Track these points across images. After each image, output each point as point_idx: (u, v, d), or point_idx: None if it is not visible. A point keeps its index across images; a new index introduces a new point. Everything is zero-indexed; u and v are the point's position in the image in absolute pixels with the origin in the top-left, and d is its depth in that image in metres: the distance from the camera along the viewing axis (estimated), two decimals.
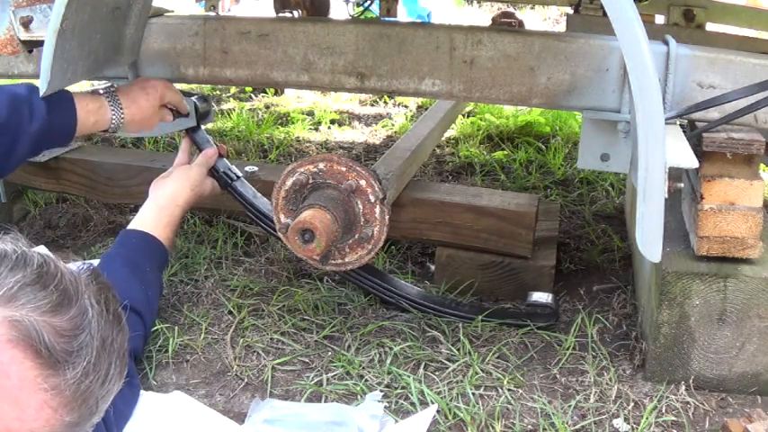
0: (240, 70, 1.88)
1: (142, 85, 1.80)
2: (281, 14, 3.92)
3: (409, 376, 1.62)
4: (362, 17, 4.03)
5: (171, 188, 1.83)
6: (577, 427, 1.50)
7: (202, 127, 2.02)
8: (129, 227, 1.77)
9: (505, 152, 3.25)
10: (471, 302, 1.97)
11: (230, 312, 1.89)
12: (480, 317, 1.84)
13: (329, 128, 3.70)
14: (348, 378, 1.64)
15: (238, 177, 2.01)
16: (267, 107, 4.07)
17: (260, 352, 1.73)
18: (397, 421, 1.49)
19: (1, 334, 0.94)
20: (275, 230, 1.81)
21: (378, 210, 1.71)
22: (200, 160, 1.92)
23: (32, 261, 1.00)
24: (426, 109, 3.29)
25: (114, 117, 1.71)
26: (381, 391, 1.59)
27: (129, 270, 1.65)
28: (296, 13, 4.02)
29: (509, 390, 1.61)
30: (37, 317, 0.96)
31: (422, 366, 1.68)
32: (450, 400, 1.56)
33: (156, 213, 1.79)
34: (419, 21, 6.27)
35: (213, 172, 1.98)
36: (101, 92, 1.72)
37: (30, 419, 0.96)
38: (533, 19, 7.60)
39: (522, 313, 1.87)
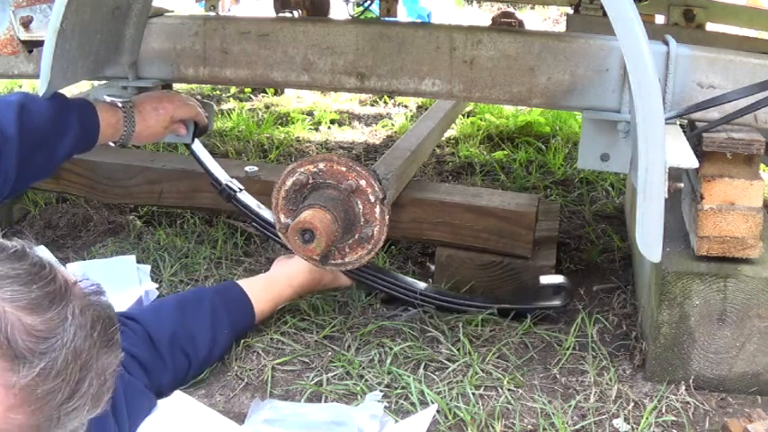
0: (240, 70, 1.88)
1: (155, 104, 1.84)
2: (281, 14, 3.91)
3: (409, 376, 1.62)
4: (362, 17, 4.02)
5: (290, 267, 1.84)
6: (577, 427, 1.50)
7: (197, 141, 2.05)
8: (239, 282, 1.78)
9: (505, 152, 3.25)
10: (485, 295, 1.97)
11: None
12: (495, 308, 1.84)
13: (329, 128, 3.69)
14: (348, 378, 1.64)
15: (240, 190, 2.04)
16: (267, 107, 4.07)
17: (260, 352, 1.73)
18: (397, 421, 1.49)
19: None
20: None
21: (378, 210, 1.71)
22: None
23: (27, 258, 1.00)
24: (426, 109, 3.29)
25: (125, 132, 1.78)
26: (381, 391, 1.59)
27: (209, 320, 1.65)
28: (296, 13, 4.02)
29: (509, 390, 1.61)
30: (11, 309, 0.96)
31: (422, 366, 1.68)
32: (450, 400, 1.56)
33: (267, 285, 1.81)
34: (419, 21, 6.27)
35: (216, 186, 2.01)
36: (119, 105, 1.78)
37: None
38: (533, 19, 7.59)
39: (537, 296, 1.86)
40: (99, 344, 1.03)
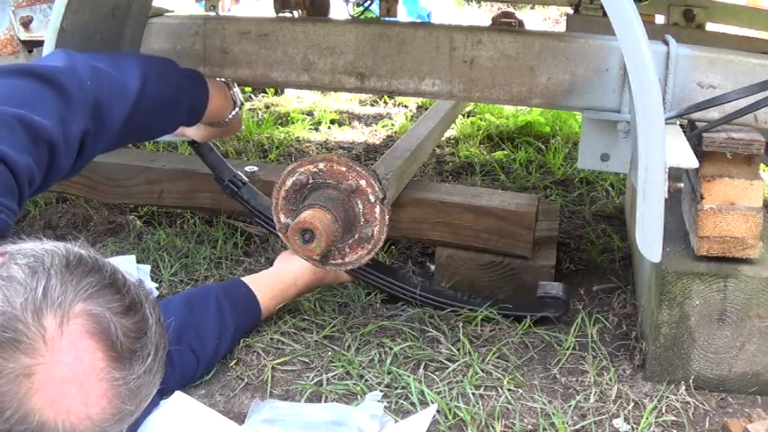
0: (240, 70, 1.88)
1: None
2: (281, 14, 3.91)
3: (409, 376, 1.62)
4: (362, 17, 4.02)
5: (295, 266, 1.84)
6: (577, 427, 1.50)
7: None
8: (244, 279, 1.79)
9: (505, 152, 3.25)
10: (484, 295, 1.96)
11: None
12: (483, 308, 1.84)
13: (329, 128, 3.70)
14: (348, 378, 1.64)
15: (244, 183, 2.03)
16: (267, 107, 4.07)
17: (260, 352, 1.73)
18: (397, 421, 1.49)
19: (80, 324, 1.04)
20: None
21: (378, 210, 1.71)
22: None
23: (106, 267, 1.12)
24: (426, 109, 3.29)
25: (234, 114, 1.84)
26: (381, 391, 1.59)
27: (216, 317, 1.66)
28: (296, 13, 4.01)
29: (509, 390, 1.61)
30: (111, 315, 1.06)
31: (422, 366, 1.68)
32: (450, 400, 1.56)
33: (272, 282, 1.81)
34: (419, 21, 6.27)
35: (218, 182, 2.01)
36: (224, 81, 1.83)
37: (90, 404, 1.05)
38: (533, 19, 7.60)
39: (533, 304, 1.86)
40: (163, 336, 1.16)
